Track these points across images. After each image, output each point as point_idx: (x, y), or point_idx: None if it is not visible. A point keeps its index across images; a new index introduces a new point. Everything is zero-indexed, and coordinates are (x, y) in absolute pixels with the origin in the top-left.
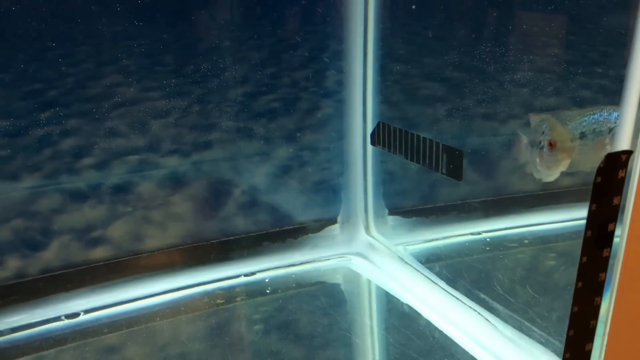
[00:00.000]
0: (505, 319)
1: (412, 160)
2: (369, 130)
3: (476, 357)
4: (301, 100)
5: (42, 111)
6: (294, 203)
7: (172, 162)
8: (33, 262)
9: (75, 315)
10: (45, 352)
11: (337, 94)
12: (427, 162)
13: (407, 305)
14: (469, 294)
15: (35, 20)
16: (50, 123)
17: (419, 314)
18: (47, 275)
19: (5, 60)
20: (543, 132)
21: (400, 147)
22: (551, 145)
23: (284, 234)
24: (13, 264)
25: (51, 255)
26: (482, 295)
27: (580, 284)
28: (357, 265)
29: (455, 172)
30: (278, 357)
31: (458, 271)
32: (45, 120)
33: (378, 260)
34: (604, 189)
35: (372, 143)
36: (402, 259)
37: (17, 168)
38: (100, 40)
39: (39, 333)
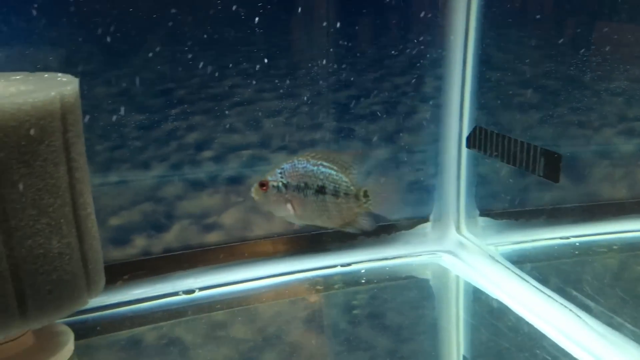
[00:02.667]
0: (597, 315)
1: (508, 162)
2: (465, 134)
3: (567, 350)
4: (400, 104)
5: (172, 108)
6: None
7: (280, 158)
8: (156, 242)
9: (191, 291)
10: (163, 323)
11: (434, 99)
12: (523, 164)
13: (496, 300)
14: (559, 291)
15: (171, 27)
16: (178, 119)
17: (508, 309)
18: (168, 254)
19: (144, 62)
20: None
21: (497, 150)
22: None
23: (378, 230)
24: (140, 242)
25: (172, 237)
26: (574, 293)
27: None
28: (447, 262)
29: (552, 175)
30: (373, 342)
31: (548, 272)
32: (174, 116)
33: (467, 257)
34: None
35: (468, 146)
36: (492, 257)
37: (148, 157)
38: (224, 45)
39: (159, 305)
